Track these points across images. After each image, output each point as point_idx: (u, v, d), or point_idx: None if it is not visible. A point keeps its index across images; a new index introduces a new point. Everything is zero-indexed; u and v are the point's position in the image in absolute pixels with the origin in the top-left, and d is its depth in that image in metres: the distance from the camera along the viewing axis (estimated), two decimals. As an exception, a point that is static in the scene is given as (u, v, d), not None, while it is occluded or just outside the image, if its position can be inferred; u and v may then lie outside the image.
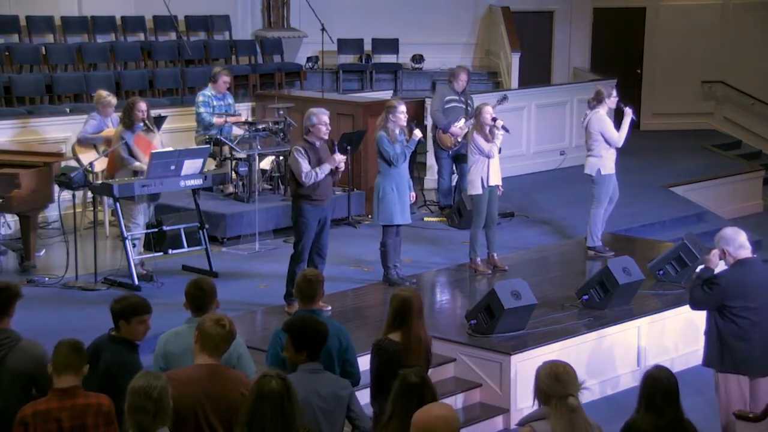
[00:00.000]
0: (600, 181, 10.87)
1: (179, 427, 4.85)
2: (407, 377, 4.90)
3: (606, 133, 10.76)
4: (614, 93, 10.97)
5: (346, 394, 5.46)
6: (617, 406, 8.04)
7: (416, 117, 12.95)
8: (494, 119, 10.15)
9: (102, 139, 11.09)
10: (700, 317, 9.36)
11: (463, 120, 12.34)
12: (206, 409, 5.06)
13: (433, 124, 12.82)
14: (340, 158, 9.01)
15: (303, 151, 8.87)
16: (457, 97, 12.66)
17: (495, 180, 10.27)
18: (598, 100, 10.85)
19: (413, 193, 9.98)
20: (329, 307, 8.99)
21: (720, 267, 7.13)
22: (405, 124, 9.69)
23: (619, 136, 10.80)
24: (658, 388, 5.25)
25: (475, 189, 10.22)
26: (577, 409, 4.82)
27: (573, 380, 4.88)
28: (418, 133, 9.68)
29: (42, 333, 6.92)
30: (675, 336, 9.32)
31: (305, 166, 8.82)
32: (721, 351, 7.04)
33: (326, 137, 9.05)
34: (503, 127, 10.20)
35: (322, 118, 8.94)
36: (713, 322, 7.12)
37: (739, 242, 7.03)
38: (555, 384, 4.84)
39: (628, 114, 10.91)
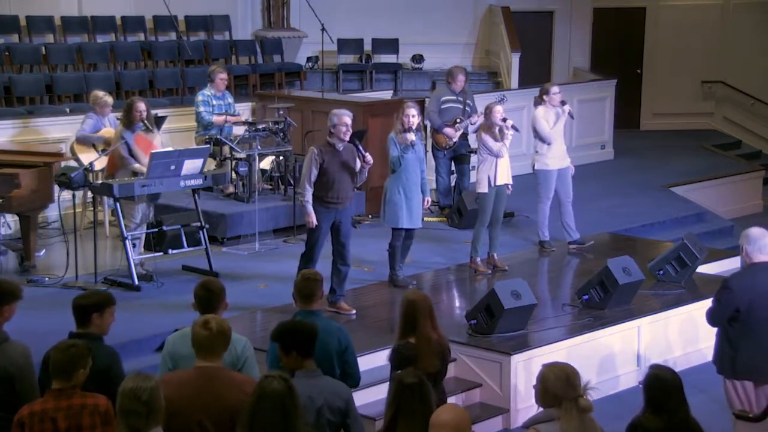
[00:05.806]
0: (537, 177, 11.13)
1: (172, 430, 4.82)
2: (404, 378, 4.87)
3: (536, 128, 10.99)
4: (554, 89, 11.05)
5: (344, 401, 5.30)
6: (617, 407, 8.02)
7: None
8: (504, 119, 10.17)
9: (101, 139, 11.07)
10: (700, 317, 9.40)
11: (459, 120, 12.40)
12: (198, 412, 5.00)
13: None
14: (369, 159, 8.90)
15: (317, 155, 8.71)
16: (454, 97, 12.66)
17: (503, 179, 10.27)
18: (540, 97, 11.13)
19: (428, 198, 9.93)
20: (353, 311, 9.01)
21: None
22: (410, 126, 9.63)
23: (548, 133, 10.92)
24: (664, 388, 5.12)
25: (482, 187, 10.21)
26: (588, 408, 4.82)
27: (580, 381, 4.89)
28: (409, 137, 9.59)
29: (42, 333, 6.93)
30: (675, 336, 9.32)
31: (307, 175, 8.71)
32: (733, 358, 6.84)
33: (347, 138, 8.81)
34: (513, 127, 10.23)
35: (342, 119, 8.76)
36: (723, 330, 6.93)
37: (760, 245, 6.78)
38: (567, 386, 4.82)
39: (564, 111, 11.04)
